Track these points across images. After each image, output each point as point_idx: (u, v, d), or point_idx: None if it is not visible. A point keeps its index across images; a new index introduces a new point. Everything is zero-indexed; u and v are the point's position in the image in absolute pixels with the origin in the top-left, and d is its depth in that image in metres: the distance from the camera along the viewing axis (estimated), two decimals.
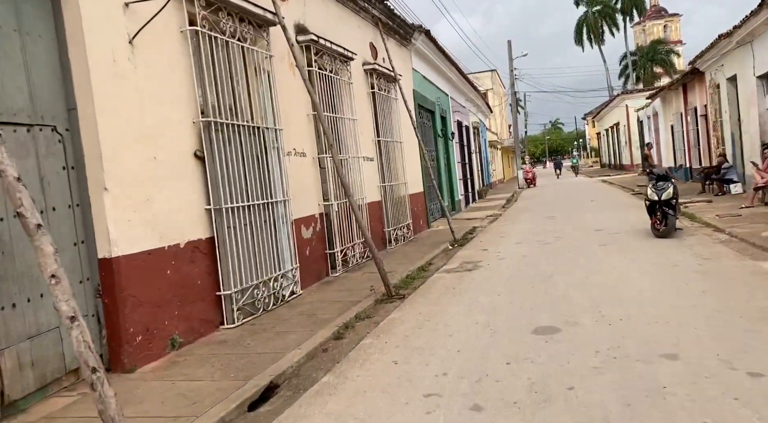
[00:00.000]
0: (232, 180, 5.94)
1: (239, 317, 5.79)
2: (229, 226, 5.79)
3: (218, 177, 5.69)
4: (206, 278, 5.55)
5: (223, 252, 5.70)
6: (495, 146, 42.49)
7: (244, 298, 5.93)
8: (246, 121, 6.37)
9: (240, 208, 6.01)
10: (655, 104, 26.06)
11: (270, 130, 6.83)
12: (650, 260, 7.03)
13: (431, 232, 13.48)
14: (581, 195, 21.13)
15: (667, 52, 64.08)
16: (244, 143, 6.28)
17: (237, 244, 5.89)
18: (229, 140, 5.99)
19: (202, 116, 5.61)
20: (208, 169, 5.64)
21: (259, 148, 6.61)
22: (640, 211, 13.19)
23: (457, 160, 20.11)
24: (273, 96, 6.94)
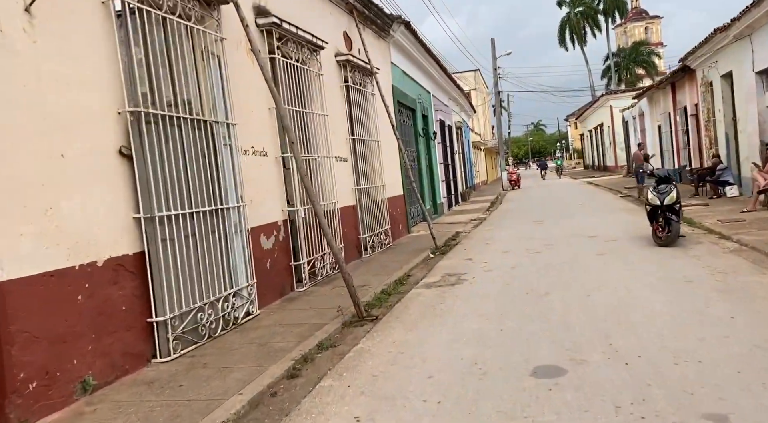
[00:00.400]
0: (170, 183, 4.96)
1: (177, 348, 4.82)
2: (165, 239, 4.82)
3: (151, 179, 4.71)
4: (134, 302, 4.57)
5: (156, 270, 4.71)
6: (478, 147, 41.81)
7: (185, 323, 4.95)
8: (190, 114, 5.39)
9: (180, 216, 5.04)
10: (641, 104, 25.49)
11: (221, 125, 5.86)
12: (657, 274, 6.20)
13: (412, 238, 12.58)
14: (568, 197, 20.40)
15: (648, 54, 64.18)
16: (187, 139, 5.30)
17: (176, 260, 4.91)
18: (167, 135, 5.01)
19: (130, 105, 4.63)
20: (137, 169, 4.65)
21: (207, 146, 5.64)
22: (633, 215, 12.47)
23: (439, 161, 19.26)
24: (225, 85, 5.97)
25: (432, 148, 17.81)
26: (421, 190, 15.55)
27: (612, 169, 37.23)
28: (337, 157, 9.26)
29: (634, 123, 27.59)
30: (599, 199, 18.10)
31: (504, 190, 30.45)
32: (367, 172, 10.69)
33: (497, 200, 23.31)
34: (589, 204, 16.55)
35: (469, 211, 18.65)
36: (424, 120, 17.13)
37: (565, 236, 10.09)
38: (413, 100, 15.26)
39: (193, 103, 5.52)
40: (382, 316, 5.84)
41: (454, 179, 22.75)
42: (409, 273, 8.25)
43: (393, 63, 13.24)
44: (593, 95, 60.32)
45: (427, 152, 17.25)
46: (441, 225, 14.61)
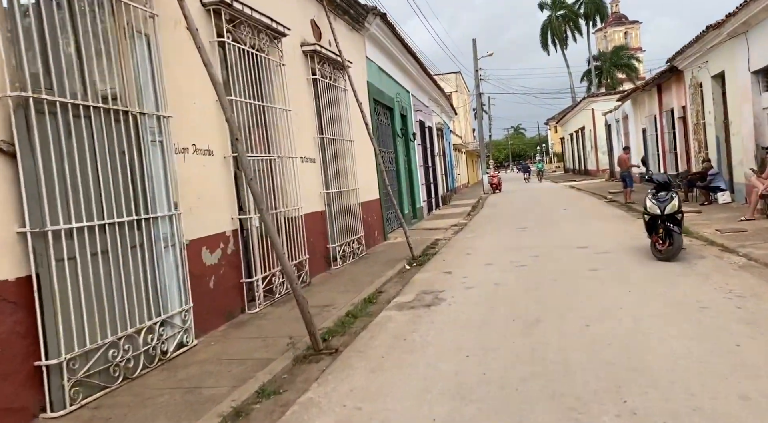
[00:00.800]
0: (71, 188, 3.96)
1: (77, 397, 3.81)
2: (62, 259, 3.81)
3: (43, 183, 3.70)
4: (15, 342, 3.55)
5: (48, 299, 3.71)
6: (459, 150, 41.10)
7: (90, 364, 3.94)
8: (105, 103, 4.38)
9: (86, 229, 4.03)
10: (625, 107, 24.94)
11: (149, 118, 4.86)
12: (665, 297, 5.34)
13: (388, 245, 11.64)
14: (551, 202, 19.66)
15: (629, 58, 64.28)
16: (99, 134, 4.29)
17: (77, 285, 3.90)
18: (71, 129, 4.00)
19: (12, 89, 3.61)
20: (23, 170, 3.64)
21: (128, 142, 4.63)
22: (623, 223, 11.71)
23: (419, 164, 18.37)
24: (157, 70, 4.98)
25: (411, 150, 16.92)
26: (400, 194, 14.64)
27: (593, 173, 36.78)
28: (303, 157, 8.30)
29: (618, 126, 27.06)
30: (584, 205, 17.37)
31: (485, 194, 29.71)
32: (339, 174, 9.74)
33: (478, 204, 22.49)
34: (573, 210, 15.79)
35: (449, 216, 17.79)
36: (403, 120, 16.23)
37: (552, 246, 9.24)
38: (391, 98, 14.34)
39: (109, 90, 4.51)
40: (343, 347, 4.88)
41: (434, 182, 21.90)
42: (381, 289, 7.31)
43: (368, 58, 12.31)
44: (574, 99, 60.15)
45: (405, 154, 16.34)
46: (420, 231, 13.70)
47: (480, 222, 15.22)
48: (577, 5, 62.71)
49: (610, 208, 15.40)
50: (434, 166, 22.17)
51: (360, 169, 10.73)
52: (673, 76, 17.14)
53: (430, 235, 12.60)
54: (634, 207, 14.45)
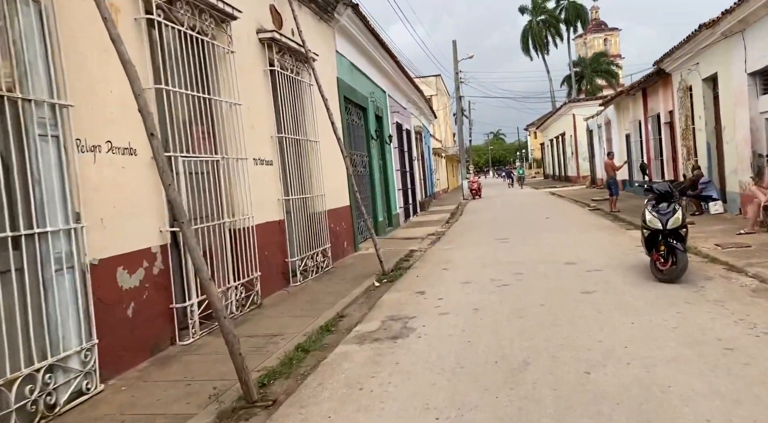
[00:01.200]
0: None
1: None
2: None
3: None
4: None
5: None
6: (439, 154, 40.34)
7: None
8: None
9: None
10: (607, 112, 24.36)
11: (38, 106, 3.82)
12: (677, 332, 4.45)
13: (359, 257, 10.67)
14: (532, 209, 18.89)
15: (609, 64, 64.41)
16: None
17: None
18: None
19: None
20: None
21: (4, 136, 3.59)
22: (610, 234, 10.90)
23: (395, 168, 17.45)
24: (51, 47, 3.95)
25: (387, 153, 15.98)
26: (374, 201, 13.69)
27: (574, 180, 36.28)
28: (258, 159, 7.30)
29: (600, 132, 26.49)
30: (567, 213, 16.60)
31: (465, 200, 28.91)
32: (303, 179, 8.76)
33: (458, 211, 21.64)
34: (556, 218, 15.00)
35: (427, 223, 16.88)
36: (378, 122, 15.29)
37: (537, 261, 8.35)
38: (364, 97, 13.39)
39: None
40: (284, 397, 3.89)
41: (412, 188, 20.99)
42: (344, 312, 6.33)
43: (339, 52, 11.35)
44: (554, 104, 59.99)
45: (381, 157, 15.40)
46: (395, 240, 12.76)
47: (459, 231, 14.33)
48: (557, 10, 62.70)
49: (595, 217, 14.63)
50: (412, 170, 21.28)
51: (328, 174, 9.76)
52: (659, 79, 16.50)
53: (404, 246, 11.65)
54: (621, 216, 13.71)
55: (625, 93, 19.55)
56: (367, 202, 13.36)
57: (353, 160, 12.16)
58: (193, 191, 5.74)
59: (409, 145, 21.10)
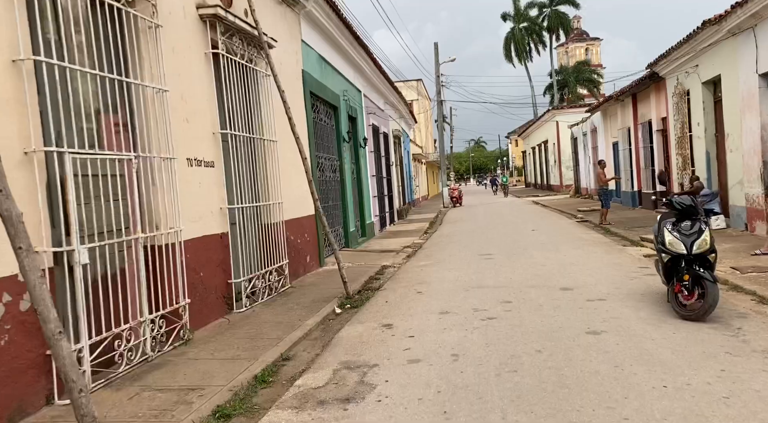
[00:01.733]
0: None
1: None
2: None
3: None
4: None
5: None
6: (419, 160, 39.27)
7: None
8: None
9: None
10: (594, 119, 23.46)
11: None
12: (730, 404, 3.24)
13: (323, 273, 9.38)
14: (516, 220, 17.79)
15: (591, 73, 64.15)
16: None
17: None
18: None
19: None
20: None
21: None
22: (607, 252, 9.76)
23: (371, 173, 16.21)
24: None
25: (362, 158, 14.74)
26: (344, 209, 12.42)
27: (557, 189, 35.44)
28: (193, 159, 5.98)
29: (585, 140, 25.60)
30: (554, 224, 15.52)
31: (445, 208, 27.78)
32: (255, 184, 7.46)
33: (437, 220, 20.47)
34: (543, 230, 13.88)
35: (404, 234, 15.65)
36: (352, 123, 14.05)
37: (527, 285, 7.15)
38: (336, 95, 12.13)
39: None
40: None
41: (389, 195, 19.77)
42: (290, 352, 5.04)
43: (306, 42, 10.07)
44: (536, 112, 59.51)
45: (354, 162, 14.15)
46: (367, 253, 11.50)
47: (437, 243, 13.11)
48: (540, 18, 62.32)
49: (585, 231, 13.54)
50: (390, 176, 20.06)
51: (289, 179, 8.48)
52: (652, 84, 15.56)
53: (377, 260, 10.40)
54: (613, 230, 12.64)
55: (614, 99, 18.60)
56: (338, 210, 12.08)
57: (321, 163, 10.89)
58: (92, 198, 4.41)
59: (387, 149, 19.89)
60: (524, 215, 19.38)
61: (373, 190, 16.56)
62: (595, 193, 23.01)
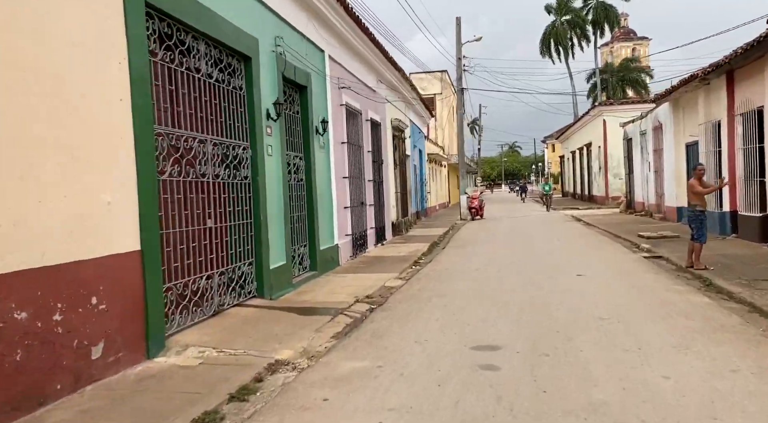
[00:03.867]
0: None
1: None
2: None
3: None
4: None
5: None
6: (438, 162, 34.02)
7: None
8: None
9: None
10: (659, 113, 17.88)
11: None
12: None
13: (136, 381, 4.33)
14: (551, 248, 12.49)
15: (639, 72, 57.79)
16: None
17: None
18: None
19: None
20: None
21: None
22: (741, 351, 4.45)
23: (342, 174, 11.21)
24: None
25: (318, 150, 9.77)
26: (257, 231, 7.43)
27: (600, 201, 29.75)
28: None
29: (643, 140, 20.00)
30: (610, 262, 10.18)
31: (461, 220, 22.52)
32: None
33: (443, 240, 15.29)
34: (596, 276, 8.60)
35: (382, 264, 10.57)
36: (295, 91, 9.07)
37: None
38: (247, 38, 7.13)
39: None
40: None
41: (380, 203, 14.71)
42: None
43: None
44: (576, 114, 53.50)
45: (302, 153, 9.18)
46: (281, 316, 6.44)
47: (416, 296, 7.92)
48: (585, 11, 56.37)
49: (668, 281, 8.15)
50: (382, 179, 14.97)
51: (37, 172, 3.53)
52: (765, 54, 10.12)
53: (273, 342, 5.32)
54: (719, 284, 7.31)
55: (698, 78, 13.05)
56: (242, 232, 7.09)
57: (179, 146, 5.87)
58: None
59: (378, 143, 14.80)
60: (563, 240, 14.00)
61: (347, 197, 11.52)
62: (665, 214, 17.43)
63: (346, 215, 11.39)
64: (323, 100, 10.18)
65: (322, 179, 9.98)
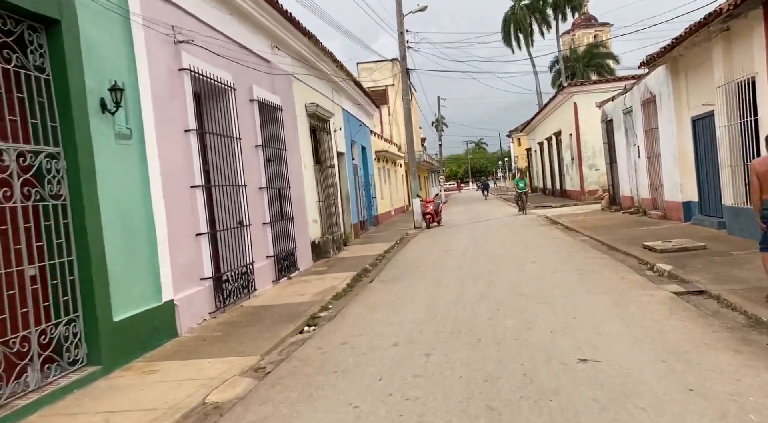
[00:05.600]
0: None
1: None
2: None
3: None
4: None
5: None
6: (392, 160, 29.89)
7: None
8: None
9: None
10: (648, 83, 14.05)
11: None
12: None
13: None
14: (525, 275, 8.43)
15: (604, 57, 54.84)
16: None
17: None
18: None
19: None
20: None
21: None
22: None
23: (186, 183, 6.97)
24: None
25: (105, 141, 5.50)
26: None
27: (574, 196, 26.07)
28: None
29: (628, 120, 16.18)
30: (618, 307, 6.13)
31: (414, 230, 18.41)
32: None
33: (378, 265, 11.14)
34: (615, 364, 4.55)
35: (261, 322, 6.36)
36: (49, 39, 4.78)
37: None
38: None
39: None
40: None
41: (284, 220, 10.48)
42: None
43: None
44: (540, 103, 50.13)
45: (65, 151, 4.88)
46: None
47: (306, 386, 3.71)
48: None
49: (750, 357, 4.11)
50: (286, 185, 10.70)
51: None
52: None
53: None
54: None
55: (721, 16, 9.07)
56: None
57: None
58: None
59: (277, 135, 10.51)
60: (540, 260, 9.96)
61: (201, 218, 7.27)
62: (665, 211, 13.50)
63: (199, 247, 7.11)
64: (120, 53, 5.88)
65: (125, 193, 5.69)
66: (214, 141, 7.99)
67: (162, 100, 6.54)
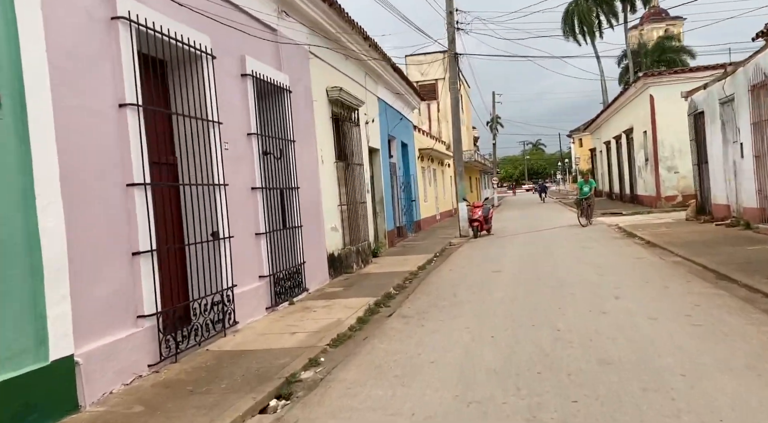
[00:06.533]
0: None
1: None
2: None
3: None
4: None
5: None
6: (438, 160, 27.37)
7: None
8: None
9: None
10: (761, 63, 11.08)
11: None
12: None
13: None
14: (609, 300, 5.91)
15: (678, 51, 50.23)
16: None
17: None
18: None
19: None
20: None
21: None
22: None
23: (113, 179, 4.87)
24: None
25: None
26: None
27: (648, 202, 22.84)
28: None
29: (727, 112, 13.15)
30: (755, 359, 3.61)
31: (461, 237, 15.95)
32: None
33: (407, 288, 8.81)
34: None
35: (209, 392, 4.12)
36: None
37: None
38: None
39: None
40: None
41: (285, 229, 8.35)
42: None
43: None
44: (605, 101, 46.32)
45: None
46: None
47: None
48: None
49: None
50: (292, 186, 8.51)
51: None
52: None
53: None
54: None
55: None
56: None
57: None
58: None
59: (284, 122, 8.33)
60: (624, 292, 7.34)
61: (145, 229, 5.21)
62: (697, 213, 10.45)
63: (136, 270, 5.00)
64: None
65: None
66: (180, 124, 5.90)
67: (73, 60, 4.46)
